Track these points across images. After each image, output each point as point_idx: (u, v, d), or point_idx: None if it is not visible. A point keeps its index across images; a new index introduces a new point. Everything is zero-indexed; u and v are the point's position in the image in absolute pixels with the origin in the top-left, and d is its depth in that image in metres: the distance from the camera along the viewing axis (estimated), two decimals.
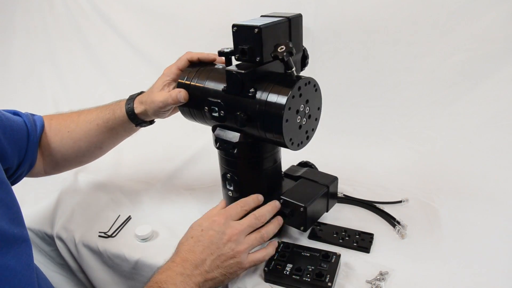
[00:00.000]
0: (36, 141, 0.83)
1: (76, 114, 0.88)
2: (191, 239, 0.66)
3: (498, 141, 1.12)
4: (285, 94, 0.65)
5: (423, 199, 0.93)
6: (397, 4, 1.19)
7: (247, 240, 0.68)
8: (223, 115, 0.72)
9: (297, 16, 0.74)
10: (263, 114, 0.67)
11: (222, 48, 0.74)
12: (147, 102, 0.80)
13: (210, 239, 0.66)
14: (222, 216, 0.69)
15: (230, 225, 0.68)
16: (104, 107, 0.86)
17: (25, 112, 0.86)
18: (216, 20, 1.39)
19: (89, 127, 0.85)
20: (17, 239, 0.58)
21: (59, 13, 1.63)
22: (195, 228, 0.68)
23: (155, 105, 0.78)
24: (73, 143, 0.85)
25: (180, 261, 0.63)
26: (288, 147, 0.69)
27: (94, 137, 0.85)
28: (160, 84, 0.80)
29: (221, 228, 0.67)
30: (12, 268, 0.55)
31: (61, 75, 1.64)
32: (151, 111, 0.80)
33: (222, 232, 0.66)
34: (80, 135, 0.85)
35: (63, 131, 0.85)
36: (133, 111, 0.82)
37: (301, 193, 0.78)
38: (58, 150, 0.85)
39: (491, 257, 0.75)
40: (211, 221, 0.68)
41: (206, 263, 0.64)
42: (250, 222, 0.69)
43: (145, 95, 0.82)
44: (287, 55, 0.65)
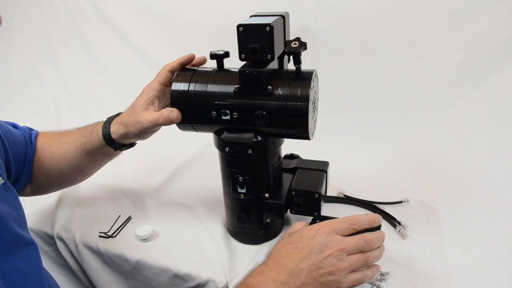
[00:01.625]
0: (32, 155, 0.80)
1: (59, 135, 0.84)
2: (288, 245, 0.60)
3: (498, 141, 1.12)
4: (306, 87, 0.68)
5: (423, 199, 0.93)
6: (397, 4, 1.19)
7: (350, 259, 0.60)
8: (236, 117, 0.71)
9: (287, 14, 0.76)
10: (285, 110, 0.68)
11: (214, 51, 0.74)
12: (130, 123, 0.75)
13: (310, 249, 0.59)
14: (327, 228, 0.61)
15: (334, 239, 0.60)
16: (83, 129, 0.82)
17: (23, 126, 0.84)
18: (216, 20, 1.39)
19: (68, 149, 0.81)
20: (26, 241, 0.59)
21: (59, 13, 1.63)
22: (294, 235, 0.62)
23: (142, 126, 0.73)
24: (54, 164, 0.81)
25: (275, 266, 0.58)
26: (309, 137, 0.72)
27: (74, 160, 0.81)
28: (143, 103, 0.75)
29: (324, 239, 0.59)
30: (23, 271, 0.56)
31: (61, 75, 1.64)
32: (135, 132, 0.75)
33: (324, 244, 0.59)
34: (61, 157, 0.81)
35: (46, 150, 0.82)
36: (110, 135, 0.76)
37: (308, 182, 0.80)
38: (41, 169, 0.82)
39: (491, 257, 0.75)
40: (314, 230, 0.61)
41: (303, 273, 0.58)
42: (357, 243, 0.60)
43: (126, 116, 0.76)
44: (303, 49, 0.67)
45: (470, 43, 1.16)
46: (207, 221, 0.89)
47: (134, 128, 0.74)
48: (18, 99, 1.62)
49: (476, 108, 1.19)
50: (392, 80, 1.25)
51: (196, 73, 0.75)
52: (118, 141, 0.77)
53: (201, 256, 0.80)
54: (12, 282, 0.55)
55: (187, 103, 0.74)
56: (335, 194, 0.96)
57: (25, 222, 0.64)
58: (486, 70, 1.17)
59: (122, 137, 0.76)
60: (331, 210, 0.91)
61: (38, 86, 1.64)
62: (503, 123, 1.15)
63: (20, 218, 0.62)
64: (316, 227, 0.62)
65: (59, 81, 1.63)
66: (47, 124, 1.46)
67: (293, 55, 0.69)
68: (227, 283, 0.73)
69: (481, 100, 1.19)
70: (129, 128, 0.75)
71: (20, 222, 0.61)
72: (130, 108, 0.77)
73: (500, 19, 1.13)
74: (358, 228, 0.63)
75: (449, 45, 1.18)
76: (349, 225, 0.62)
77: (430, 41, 1.19)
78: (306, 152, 0.92)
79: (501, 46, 1.14)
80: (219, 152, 0.77)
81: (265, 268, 0.58)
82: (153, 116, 0.73)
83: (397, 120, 1.24)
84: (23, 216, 0.64)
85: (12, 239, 0.58)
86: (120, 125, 0.76)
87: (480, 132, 1.16)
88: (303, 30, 1.26)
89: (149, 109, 0.75)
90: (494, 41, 1.14)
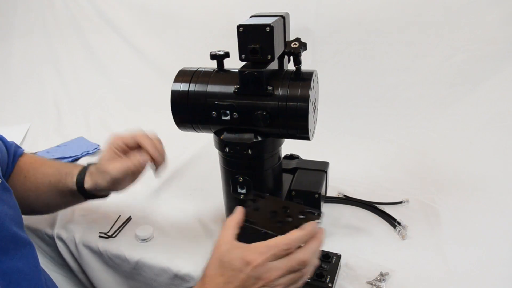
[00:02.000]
0: (11, 170, 0.77)
1: (41, 163, 0.81)
2: (220, 277, 0.57)
3: (498, 142, 1.12)
4: (306, 87, 0.68)
5: (423, 200, 0.93)
6: (398, 4, 1.19)
7: (283, 280, 0.57)
8: (236, 117, 0.71)
9: (287, 14, 0.76)
10: (285, 110, 0.68)
11: (214, 51, 0.74)
12: (99, 175, 0.71)
13: (242, 284, 0.56)
14: (260, 259, 0.56)
15: (268, 269, 0.56)
16: (64, 166, 0.79)
17: (10, 141, 0.80)
18: (216, 20, 1.39)
19: (42, 181, 0.77)
20: (23, 241, 0.59)
21: (59, 13, 1.63)
22: (226, 264, 0.58)
23: (111, 176, 0.70)
24: (24, 190, 0.77)
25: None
26: (309, 138, 0.72)
27: (43, 193, 0.77)
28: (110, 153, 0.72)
29: (257, 273, 0.56)
30: (21, 270, 0.56)
31: (61, 75, 1.64)
32: (105, 184, 0.71)
33: (257, 277, 0.56)
34: (32, 185, 0.78)
35: (21, 174, 0.79)
36: (82, 184, 0.74)
37: (308, 182, 0.80)
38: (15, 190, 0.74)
39: (491, 257, 0.75)
40: (244, 262, 0.57)
41: None
42: (292, 268, 0.58)
43: (94, 167, 0.74)
44: (303, 49, 0.68)
45: (470, 43, 1.16)
46: (207, 221, 0.89)
47: (103, 179, 0.71)
48: (18, 99, 1.62)
49: (476, 108, 1.19)
50: (392, 80, 1.25)
51: (196, 73, 0.75)
52: (89, 191, 0.74)
53: (201, 256, 0.79)
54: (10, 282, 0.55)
55: (187, 103, 0.74)
56: (335, 195, 0.96)
57: (22, 222, 0.64)
58: (486, 70, 1.17)
59: (93, 188, 0.73)
60: (331, 210, 0.91)
61: (38, 86, 1.64)
62: (503, 123, 1.15)
63: (17, 218, 0.62)
64: (250, 257, 0.56)
65: (59, 81, 1.63)
66: (47, 124, 1.47)
67: (293, 56, 0.69)
68: None
69: (481, 100, 1.19)
70: (98, 180, 0.72)
71: (17, 222, 0.61)
72: (98, 162, 0.74)
73: (500, 19, 1.13)
74: (293, 249, 0.59)
75: (449, 45, 1.18)
76: (284, 251, 0.58)
77: (430, 42, 1.19)
78: (306, 152, 0.92)
79: (501, 46, 1.14)
80: (219, 153, 0.77)
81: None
82: (122, 163, 0.70)
83: (397, 120, 1.24)
84: (19, 216, 0.64)
85: (10, 239, 0.58)
86: (91, 176, 0.74)
87: (480, 132, 1.16)
88: (303, 31, 1.26)
89: (116, 158, 0.72)
90: (494, 41, 1.14)
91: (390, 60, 1.24)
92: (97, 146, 1.27)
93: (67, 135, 1.38)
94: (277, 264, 0.57)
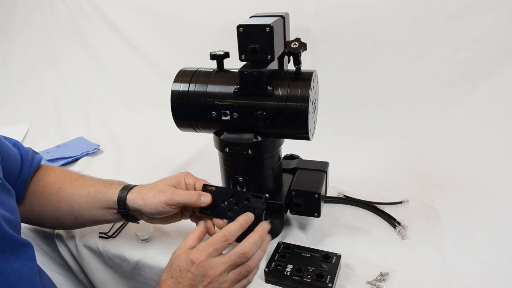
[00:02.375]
0: (26, 178, 0.77)
1: (78, 176, 0.81)
2: (170, 279, 0.61)
3: (498, 142, 1.12)
4: (306, 88, 0.68)
5: (423, 200, 0.93)
6: (398, 4, 1.19)
7: (231, 276, 0.62)
8: (236, 117, 0.71)
9: (287, 15, 0.76)
10: (285, 110, 0.68)
11: (214, 51, 0.74)
12: (152, 191, 0.73)
13: (190, 283, 0.60)
14: (203, 255, 0.61)
15: (210, 265, 0.60)
16: (105, 180, 0.80)
17: (27, 147, 0.80)
18: (216, 20, 1.39)
19: (79, 192, 0.77)
20: (20, 243, 0.59)
21: (59, 13, 1.63)
22: (175, 267, 0.62)
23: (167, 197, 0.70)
24: (57, 201, 0.78)
25: None
26: (309, 138, 0.71)
27: (77, 204, 0.77)
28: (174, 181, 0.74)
29: (201, 270, 0.60)
30: (17, 272, 0.56)
31: (61, 75, 1.64)
32: (152, 202, 0.71)
33: (203, 275, 0.60)
34: (67, 196, 0.77)
35: (55, 185, 0.79)
36: (125, 197, 0.74)
37: (308, 182, 0.79)
38: (40, 201, 0.78)
39: (491, 257, 0.75)
40: (189, 261, 0.61)
41: None
42: (233, 261, 0.62)
43: (151, 185, 0.75)
44: (303, 49, 0.68)
45: (470, 43, 1.16)
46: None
47: (154, 197, 0.71)
48: (18, 99, 1.62)
49: (476, 108, 1.19)
50: (392, 81, 1.25)
51: (196, 73, 0.75)
52: (129, 206, 0.74)
53: None
54: (5, 283, 0.55)
55: (187, 103, 0.74)
56: (335, 195, 0.96)
57: (19, 224, 0.63)
58: (486, 70, 1.17)
59: (134, 203, 0.73)
60: (331, 210, 0.91)
61: (38, 86, 1.64)
62: (503, 123, 1.15)
63: (14, 220, 0.61)
64: (193, 256, 0.61)
65: (59, 81, 1.63)
66: (47, 124, 1.47)
67: (293, 56, 0.69)
68: None
69: (481, 100, 1.19)
70: (147, 196, 0.72)
71: (13, 223, 0.60)
72: (153, 183, 0.76)
73: (500, 19, 1.13)
74: (232, 240, 0.64)
75: (449, 45, 1.18)
76: (223, 243, 0.63)
77: (430, 42, 1.19)
78: (306, 152, 0.92)
79: (501, 46, 1.14)
80: (219, 153, 0.77)
81: None
82: (182, 192, 0.71)
83: (397, 120, 1.24)
84: (17, 218, 0.63)
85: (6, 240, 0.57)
86: (139, 191, 0.74)
87: (480, 132, 1.16)
88: (303, 31, 1.26)
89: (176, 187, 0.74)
90: (494, 41, 1.14)
91: (390, 60, 1.24)
92: (97, 146, 1.27)
93: (67, 135, 1.38)
94: (219, 259, 0.61)
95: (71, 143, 1.30)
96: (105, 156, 1.25)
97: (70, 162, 1.20)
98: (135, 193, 0.74)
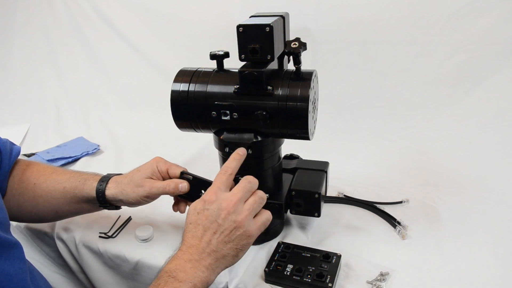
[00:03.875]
0: (7, 170, 0.77)
1: (51, 170, 0.82)
2: (190, 225, 0.64)
3: (498, 142, 1.12)
4: (306, 87, 0.68)
5: (423, 200, 0.93)
6: (398, 4, 1.19)
7: (246, 206, 0.64)
8: (236, 117, 0.71)
9: (287, 14, 0.77)
10: (285, 110, 0.68)
11: (214, 51, 0.74)
12: (130, 187, 0.75)
13: (208, 219, 0.63)
14: (212, 193, 0.64)
15: (224, 199, 0.63)
16: (78, 174, 0.81)
17: (4, 139, 0.79)
18: (216, 20, 1.39)
19: (55, 187, 0.78)
20: (9, 243, 0.58)
21: (59, 13, 1.63)
22: (191, 213, 0.65)
23: (145, 191, 0.74)
24: (33, 197, 0.78)
25: (186, 248, 0.62)
26: (309, 138, 0.72)
27: (54, 200, 0.78)
28: (146, 172, 0.76)
29: (216, 205, 0.63)
30: (7, 273, 0.55)
31: (61, 75, 1.64)
32: (132, 196, 0.75)
33: (218, 208, 0.62)
34: (43, 192, 0.78)
35: (30, 181, 0.79)
36: (103, 192, 0.76)
37: (308, 182, 0.80)
38: (17, 198, 0.78)
39: (492, 257, 0.75)
40: (202, 202, 0.64)
41: (212, 243, 0.61)
42: (244, 188, 0.64)
43: (124, 179, 0.77)
44: (303, 49, 0.68)
45: (470, 43, 1.16)
46: None
47: (135, 192, 0.74)
48: (18, 99, 1.62)
49: (476, 108, 1.19)
50: (392, 80, 1.25)
51: (196, 73, 0.75)
52: (109, 200, 0.77)
53: None
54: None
55: (187, 103, 0.74)
56: (335, 194, 0.96)
57: (8, 223, 0.62)
58: (486, 70, 1.17)
59: (114, 198, 0.76)
60: (331, 210, 0.91)
61: (38, 86, 1.64)
62: (503, 123, 1.15)
63: (2, 219, 0.60)
64: (203, 198, 0.65)
65: (59, 81, 1.63)
66: (47, 124, 1.47)
67: (293, 55, 0.69)
68: (227, 283, 0.74)
69: (481, 100, 1.18)
70: (127, 190, 0.75)
71: (2, 223, 0.60)
72: (128, 174, 0.78)
73: (500, 19, 1.13)
74: (233, 172, 0.67)
75: (449, 45, 1.18)
76: (227, 177, 0.66)
77: (430, 41, 1.19)
78: (306, 152, 0.92)
79: (501, 46, 1.14)
80: (219, 153, 0.77)
81: (179, 253, 0.62)
82: (160, 183, 0.74)
83: (397, 120, 1.24)
84: (5, 217, 0.62)
85: None
86: (117, 186, 0.76)
87: (480, 132, 1.16)
88: (303, 31, 1.26)
89: (152, 178, 0.76)
90: (494, 41, 1.14)
91: (390, 60, 1.24)
92: (97, 146, 1.27)
93: (67, 135, 1.38)
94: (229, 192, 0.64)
95: (71, 143, 1.30)
96: (105, 156, 1.25)
97: (70, 162, 1.20)
98: (113, 188, 0.76)
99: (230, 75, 0.73)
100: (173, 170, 0.77)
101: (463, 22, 1.16)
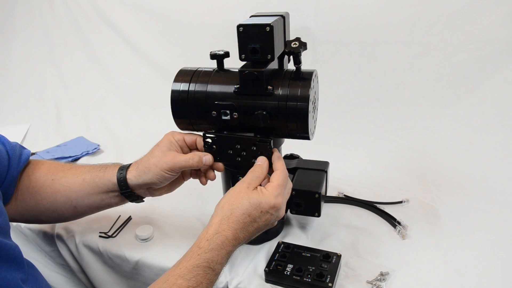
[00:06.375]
0: (15, 175, 0.74)
1: (68, 166, 0.79)
2: (248, 217, 0.64)
3: (498, 142, 1.12)
4: (306, 87, 0.68)
5: (423, 199, 0.93)
6: (398, 4, 1.19)
7: (284, 202, 0.68)
8: (236, 117, 0.71)
9: (287, 14, 0.77)
10: (285, 110, 0.68)
11: (214, 51, 0.74)
12: (152, 161, 0.71)
13: (265, 223, 0.66)
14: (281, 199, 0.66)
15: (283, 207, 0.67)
16: (98, 165, 0.78)
17: (14, 142, 0.77)
18: (216, 20, 1.39)
19: (74, 180, 0.75)
20: (8, 248, 0.57)
21: (59, 13, 1.63)
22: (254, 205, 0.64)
23: (168, 165, 0.70)
24: (51, 193, 0.75)
25: (232, 239, 0.63)
26: (309, 137, 0.71)
27: (74, 193, 0.75)
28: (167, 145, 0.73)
29: (277, 213, 0.66)
30: (4, 278, 0.55)
31: (61, 75, 1.64)
32: (156, 172, 0.71)
33: (277, 216, 0.67)
34: (62, 187, 0.75)
35: (48, 177, 0.76)
36: (125, 179, 0.73)
37: (308, 182, 0.80)
38: (33, 197, 0.76)
39: (491, 256, 0.75)
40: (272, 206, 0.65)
41: (253, 235, 0.66)
42: (289, 190, 0.71)
43: (146, 156, 0.74)
44: (303, 49, 0.68)
45: (470, 43, 1.16)
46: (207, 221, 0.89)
47: (157, 167, 0.71)
48: (18, 99, 1.62)
49: (476, 108, 1.19)
50: (392, 80, 1.25)
51: (196, 73, 0.75)
52: (131, 186, 0.74)
53: None
54: None
55: (187, 103, 0.74)
56: (335, 194, 0.96)
57: (7, 228, 0.60)
58: (487, 70, 1.17)
59: (137, 180, 0.73)
60: (331, 210, 0.91)
61: (38, 86, 1.64)
62: (503, 123, 1.15)
63: (2, 223, 0.58)
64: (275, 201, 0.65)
65: (59, 81, 1.63)
66: (47, 124, 1.47)
67: (293, 55, 0.69)
68: (227, 283, 0.74)
69: (481, 100, 1.19)
70: (149, 168, 0.71)
71: (1, 228, 0.57)
72: (147, 154, 0.74)
73: (500, 19, 1.13)
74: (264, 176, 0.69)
75: (449, 45, 1.18)
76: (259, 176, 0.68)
77: (431, 41, 1.19)
78: (306, 152, 0.92)
79: (501, 46, 1.14)
80: None
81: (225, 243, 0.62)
82: (183, 157, 0.71)
83: (397, 120, 1.24)
84: (5, 220, 0.60)
85: None
86: (138, 167, 0.73)
87: (480, 132, 1.16)
88: (303, 30, 1.26)
89: (174, 152, 0.73)
90: (494, 41, 1.14)
91: (390, 60, 1.24)
92: (97, 146, 1.27)
93: (67, 135, 1.38)
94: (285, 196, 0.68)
95: (71, 143, 1.30)
96: (105, 156, 1.25)
97: (70, 162, 1.20)
98: (133, 170, 0.73)
99: (230, 75, 0.73)
100: (189, 137, 0.75)
101: (463, 22, 1.16)
